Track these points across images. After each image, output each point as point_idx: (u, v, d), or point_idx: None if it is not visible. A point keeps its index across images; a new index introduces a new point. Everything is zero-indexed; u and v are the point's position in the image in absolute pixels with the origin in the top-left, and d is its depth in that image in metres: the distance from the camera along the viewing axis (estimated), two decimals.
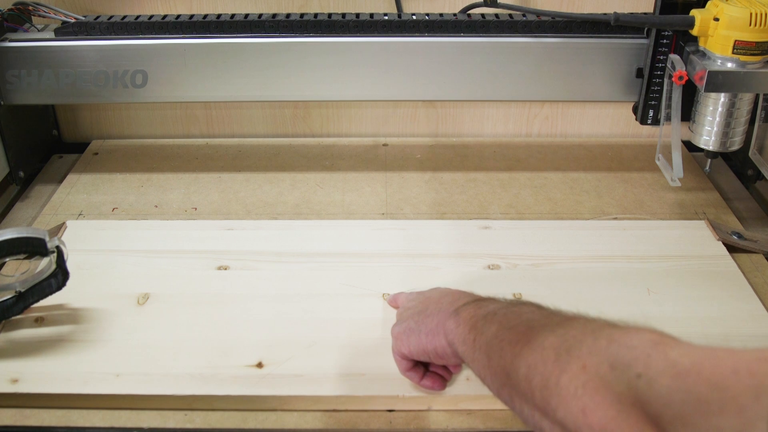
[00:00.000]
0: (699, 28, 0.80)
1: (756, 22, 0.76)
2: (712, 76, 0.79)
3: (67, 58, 0.89)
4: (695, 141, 0.87)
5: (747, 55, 0.78)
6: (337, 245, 0.84)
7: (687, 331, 0.71)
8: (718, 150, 0.86)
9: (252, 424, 0.63)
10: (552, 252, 0.82)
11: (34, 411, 0.64)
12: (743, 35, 0.77)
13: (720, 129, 0.84)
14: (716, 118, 0.83)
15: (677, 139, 0.84)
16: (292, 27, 0.89)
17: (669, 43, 0.86)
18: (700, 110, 0.85)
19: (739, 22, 0.77)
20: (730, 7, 0.78)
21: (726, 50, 0.78)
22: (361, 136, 1.12)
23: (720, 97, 0.82)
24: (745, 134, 0.86)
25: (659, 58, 0.87)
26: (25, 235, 0.68)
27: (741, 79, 0.79)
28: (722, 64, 0.79)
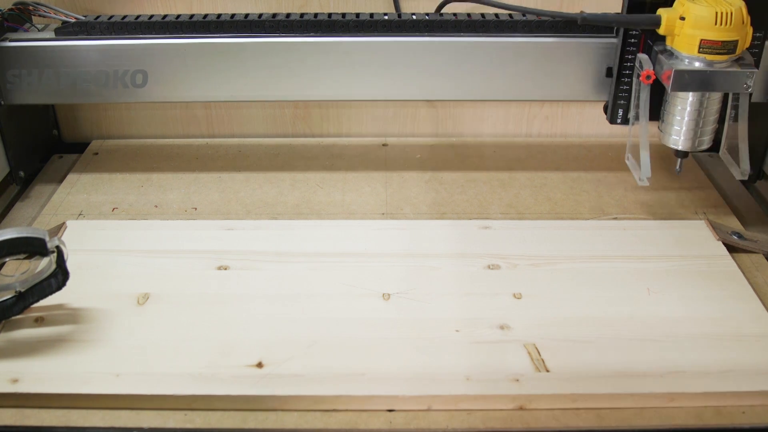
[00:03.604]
0: (665, 27, 0.80)
1: (721, 21, 0.75)
2: (678, 75, 0.78)
3: (67, 58, 0.89)
4: (664, 141, 0.86)
5: (713, 54, 0.77)
6: (337, 245, 0.84)
7: (687, 331, 0.71)
8: (687, 149, 0.85)
9: (252, 424, 0.63)
10: (552, 252, 0.82)
11: (34, 411, 0.64)
12: (709, 34, 0.76)
13: (689, 128, 0.83)
14: (685, 117, 0.83)
15: (645, 138, 0.84)
16: (292, 27, 0.89)
17: (637, 43, 0.85)
18: (669, 110, 0.84)
19: (704, 21, 0.76)
20: (695, 6, 0.77)
21: (692, 49, 0.78)
22: (361, 136, 1.12)
23: (688, 96, 0.82)
24: (714, 133, 0.85)
25: (627, 57, 0.86)
26: (25, 235, 0.68)
27: (707, 78, 0.78)
28: (689, 64, 0.78)
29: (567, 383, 0.65)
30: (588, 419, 0.63)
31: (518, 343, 0.70)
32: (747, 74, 0.78)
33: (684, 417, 0.63)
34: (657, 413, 0.64)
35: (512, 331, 0.71)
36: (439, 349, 0.69)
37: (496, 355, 0.68)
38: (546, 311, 0.74)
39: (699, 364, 0.67)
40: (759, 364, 0.67)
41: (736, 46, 0.77)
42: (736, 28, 0.76)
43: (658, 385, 0.65)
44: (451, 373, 0.66)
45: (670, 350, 0.69)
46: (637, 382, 0.65)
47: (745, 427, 0.63)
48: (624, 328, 0.72)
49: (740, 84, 0.78)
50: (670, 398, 0.64)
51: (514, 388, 0.64)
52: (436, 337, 0.70)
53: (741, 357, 0.68)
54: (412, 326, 0.72)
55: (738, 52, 0.78)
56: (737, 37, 0.76)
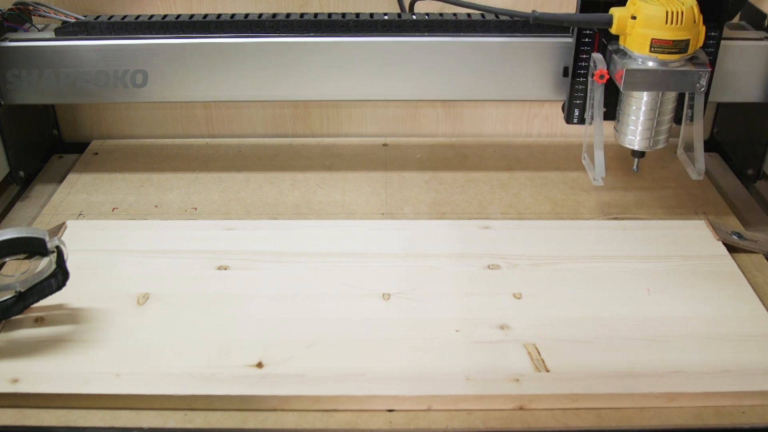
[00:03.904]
0: (617, 26, 0.79)
1: (672, 21, 0.75)
2: (630, 74, 0.78)
3: (67, 57, 0.89)
4: (620, 140, 0.86)
5: (665, 54, 0.77)
6: (337, 245, 0.84)
7: (687, 331, 0.71)
8: (643, 149, 0.85)
9: (252, 424, 0.63)
10: (552, 252, 0.82)
11: (34, 411, 0.64)
12: (660, 33, 0.76)
13: (644, 128, 0.83)
14: (640, 117, 0.82)
15: (599, 138, 0.83)
16: (292, 27, 0.89)
17: (592, 42, 0.85)
18: (624, 109, 0.84)
19: (655, 21, 0.76)
20: (646, 5, 0.77)
21: (644, 49, 0.77)
22: (361, 136, 1.12)
23: (642, 96, 0.81)
24: (669, 133, 0.85)
25: (582, 57, 0.86)
26: (25, 235, 0.68)
27: (659, 77, 0.78)
28: (641, 63, 0.78)
29: (567, 383, 0.65)
30: (588, 419, 0.63)
31: (518, 343, 0.70)
32: (700, 73, 0.77)
33: (684, 417, 0.63)
34: (657, 413, 0.64)
35: (512, 331, 0.71)
36: (439, 349, 0.69)
37: (496, 355, 0.68)
38: (546, 311, 0.74)
39: (699, 364, 0.67)
40: (759, 364, 0.67)
41: (688, 45, 0.76)
42: (687, 27, 0.76)
43: (658, 385, 0.65)
44: (451, 373, 0.66)
45: (670, 350, 0.69)
46: (637, 382, 0.65)
47: (745, 427, 0.63)
48: (624, 328, 0.72)
49: (693, 83, 0.78)
50: (670, 398, 0.64)
51: (514, 388, 0.64)
52: (436, 337, 0.70)
53: (741, 357, 0.68)
54: (412, 326, 0.72)
55: (690, 51, 0.77)
56: (689, 36, 0.76)
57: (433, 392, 0.64)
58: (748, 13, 0.99)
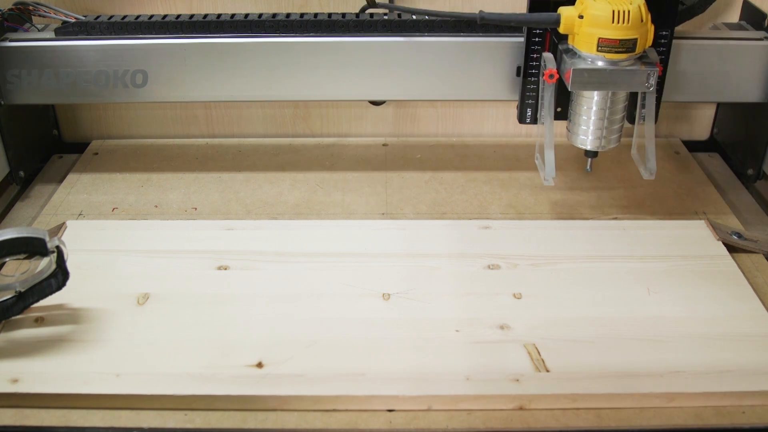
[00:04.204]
0: (564, 26, 0.79)
1: (619, 20, 0.75)
2: (577, 74, 0.77)
3: (67, 57, 0.89)
4: (572, 140, 0.85)
5: (612, 53, 0.76)
6: (337, 245, 0.84)
7: (687, 331, 0.71)
8: (595, 149, 0.84)
9: (252, 424, 0.63)
10: (552, 252, 0.82)
11: (34, 411, 0.64)
12: (606, 33, 0.75)
13: (595, 128, 0.83)
14: (591, 117, 0.82)
15: (550, 138, 0.83)
16: (292, 27, 0.89)
17: (543, 42, 0.85)
18: (575, 109, 0.84)
19: (601, 20, 0.75)
20: (593, 4, 0.76)
21: (591, 48, 0.77)
22: (361, 136, 1.12)
23: (593, 95, 0.81)
24: (621, 132, 0.84)
25: (533, 56, 0.86)
26: (25, 235, 0.68)
27: (607, 77, 0.77)
28: (588, 62, 0.78)
29: (567, 383, 0.65)
30: (588, 419, 0.63)
31: (518, 343, 0.70)
32: (648, 73, 0.77)
33: (684, 417, 0.63)
34: (657, 413, 0.64)
35: (512, 331, 0.71)
36: (439, 349, 0.69)
37: (496, 355, 0.68)
38: (546, 311, 0.74)
39: (699, 364, 0.67)
40: (759, 364, 0.67)
41: (636, 44, 0.76)
42: (634, 26, 0.75)
43: (658, 385, 0.65)
44: (451, 373, 0.66)
45: (670, 350, 0.69)
46: (637, 382, 0.65)
47: (745, 427, 0.63)
48: (624, 328, 0.71)
49: (641, 82, 0.77)
50: (670, 398, 0.64)
51: (514, 388, 0.64)
52: (436, 337, 0.70)
53: (741, 357, 0.68)
54: (412, 326, 0.72)
55: (638, 50, 0.77)
56: (636, 36, 0.75)
57: (433, 392, 0.64)
58: (748, 13, 0.99)
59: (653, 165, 0.83)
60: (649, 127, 0.83)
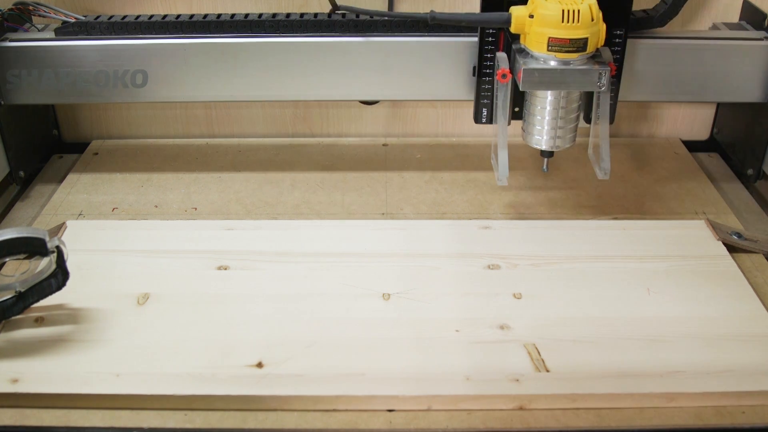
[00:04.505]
0: (515, 25, 0.78)
1: (568, 19, 0.74)
2: (528, 73, 0.76)
3: (67, 57, 0.89)
4: (527, 141, 0.85)
5: (563, 53, 0.76)
6: (337, 245, 0.84)
7: (687, 331, 0.71)
8: (551, 149, 0.84)
9: (252, 424, 0.63)
10: (552, 252, 0.82)
11: (34, 411, 0.64)
12: (556, 32, 0.75)
13: (550, 127, 0.82)
14: (545, 117, 0.82)
15: (503, 138, 0.83)
16: (292, 27, 0.89)
17: (497, 41, 0.84)
18: (530, 110, 0.83)
19: (551, 19, 0.75)
20: (543, 3, 0.75)
21: (542, 47, 0.76)
22: (361, 136, 1.12)
23: (547, 95, 0.81)
24: (575, 132, 0.84)
25: (487, 56, 0.85)
26: (25, 235, 0.68)
27: (558, 76, 0.76)
28: (539, 62, 0.77)
29: (567, 383, 0.65)
30: (588, 419, 0.63)
31: (518, 343, 0.70)
32: (599, 72, 0.76)
33: (684, 417, 0.63)
34: (657, 413, 0.64)
35: (512, 331, 0.71)
36: (439, 349, 0.69)
37: (496, 355, 0.68)
38: (546, 311, 0.74)
39: (699, 364, 0.67)
40: (759, 364, 0.67)
41: (587, 43, 0.75)
42: (584, 25, 0.74)
43: (658, 385, 0.65)
44: (451, 373, 0.66)
45: (670, 350, 0.69)
46: (637, 382, 0.65)
47: (745, 427, 0.63)
48: (624, 328, 0.71)
49: (593, 82, 0.77)
50: (670, 398, 0.64)
51: (514, 388, 0.64)
52: (436, 337, 0.70)
53: (741, 357, 0.68)
54: (412, 326, 0.72)
55: (590, 50, 0.76)
56: (586, 35, 0.75)
57: (433, 392, 0.64)
58: (748, 12, 0.99)
59: (607, 165, 0.83)
60: (604, 127, 0.83)
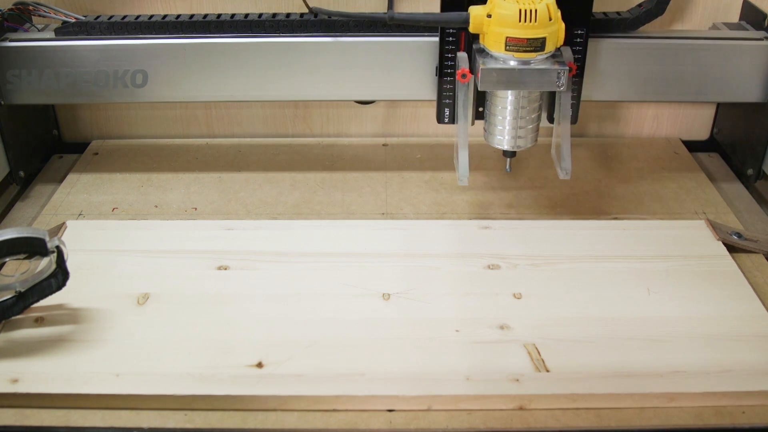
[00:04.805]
0: (474, 25, 0.78)
1: (525, 18, 0.73)
2: (486, 73, 0.76)
3: (67, 58, 0.90)
4: (489, 141, 0.84)
5: (521, 52, 0.75)
6: (337, 245, 0.84)
7: (687, 331, 0.71)
8: (512, 149, 0.83)
9: (252, 424, 0.63)
10: (552, 252, 0.82)
11: (34, 411, 0.64)
12: (514, 32, 0.74)
13: (511, 127, 0.82)
14: (506, 117, 0.81)
15: (464, 138, 0.82)
16: (292, 27, 0.89)
17: (457, 41, 0.84)
18: (490, 110, 0.83)
19: (508, 19, 0.74)
20: (501, 3, 0.75)
21: (500, 47, 0.76)
22: (361, 136, 1.12)
23: (507, 95, 0.80)
24: (537, 131, 0.84)
25: (447, 56, 0.85)
26: (25, 235, 0.68)
27: (517, 76, 0.76)
28: (497, 62, 0.77)
29: (567, 383, 0.65)
30: (588, 419, 0.63)
31: (518, 343, 0.70)
32: (558, 72, 0.76)
33: (684, 417, 0.63)
34: (657, 413, 0.64)
35: (512, 331, 0.71)
36: (439, 349, 0.69)
37: (496, 355, 0.68)
38: (546, 311, 0.74)
39: (699, 364, 0.67)
40: (759, 364, 0.67)
41: (544, 43, 0.75)
42: (541, 25, 0.74)
43: (658, 385, 0.65)
44: (451, 373, 0.66)
45: (670, 350, 0.69)
46: (637, 382, 0.65)
47: (745, 427, 0.63)
48: (624, 328, 0.71)
49: (552, 82, 0.76)
50: (670, 398, 0.64)
51: (514, 388, 0.65)
52: (436, 337, 0.70)
53: (741, 357, 0.68)
54: (412, 326, 0.72)
55: (548, 49, 0.76)
56: (544, 35, 0.75)
57: (433, 392, 0.64)
58: (748, 12, 0.99)
59: (568, 165, 0.82)
60: (565, 127, 0.83)
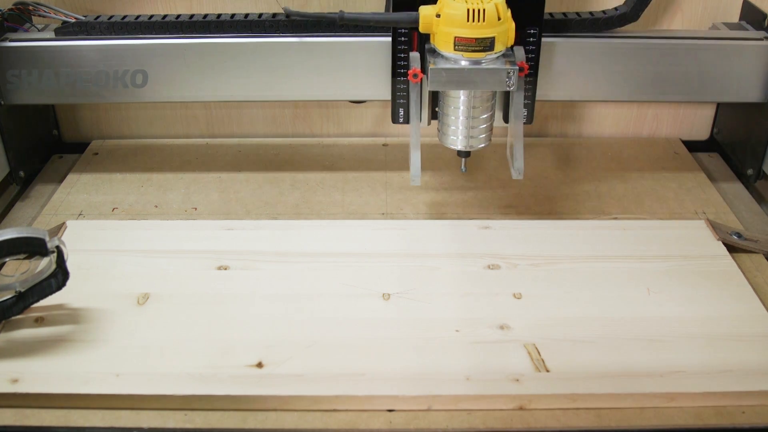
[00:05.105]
0: (423, 25, 0.77)
1: (473, 18, 0.73)
2: (435, 73, 0.75)
3: (67, 58, 0.89)
4: (443, 141, 0.84)
5: (469, 52, 0.74)
6: (337, 245, 0.84)
7: (687, 331, 0.71)
8: (466, 149, 0.83)
9: (252, 424, 0.63)
10: (552, 252, 0.82)
11: (34, 411, 0.64)
12: (462, 31, 0.74)
13: (464, 127, 0.81)
14: (459, 116, 0.81)
15: (416, 138, 0.82)
16: (293, 27, 0.89)
17: (410, 41, 0.83)
18: (443, 110, 0.82)
19: (456, 18, 0.73)
20: (450, 2, 0.74)
21: (449, 47, 0.75)
22: (361, 136, 1.12)
23: (459, 95, 0.79)
24: (491, 131, 0.83)
25: (400, 56, 0.84)
26: (26, 235, 0.68)
27: (466, 76, 0.75)
28: (447, 62, 0.76)
29: (567, 383, 0.65)
30: (588, 419, 0.63)
31: (518, 343, 0.70)
32: (507, 71, 0.75)
33: (684, 417, 0.63)
34: (657, 413, 0.64)
35: (512, 331, 0.71)
36: (439, 349, 0.69)
37: (496, 355, 0.68)
38: (546, 311, 0.74)
39: (699, 364, 0.67)
40: (759, 364, 0.67)
41: (493, 43, 0.74)
42: (490, 24, 0.73)
43: (658, 385, 0.65)
44: (451, 373, 0.66)
45: (670, 350, 0.69)
46: (637, 382, 0.65)
47: (745, 427, 0.63)
48: (624, 328, 0.72)
49: (502, 81, 0.76)
50: (670, 398, 0.64)
51: (514, 388, 0.65)
52: (436, 337, 0.70)
53: (741, 357, 0.68)
54: (412, 326, 0.72)
55: (497, 49, 0.75)
56: (492, 34, 0.74)
57: (433, 392, 0.64)
58: (748, 12, 0.99)
59: (520, 165, 0.82)
60: (518, 126, 0.82)
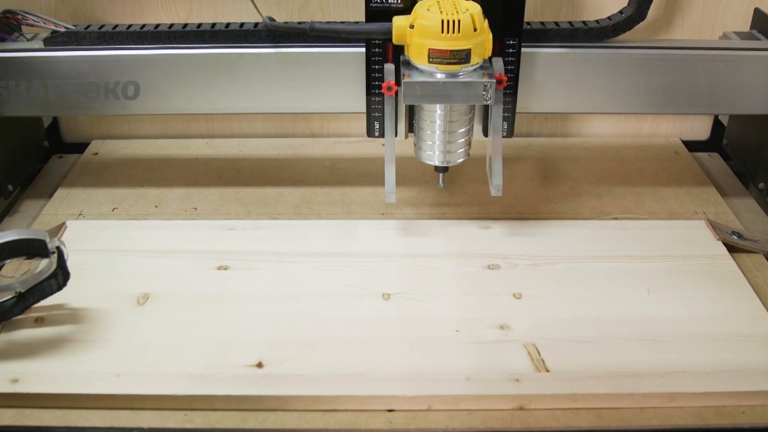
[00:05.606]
0: (397, 36, 0.74)
1: (448, 29, 0.71)
2: (408, 87, 0.73)
3: (56, 68, 0.87)
4: (419, 156, 0.82)
5: (444, 64, 0.72)
6: (337, 245, 0.84)
7: (687, 331, 0.71)
8: (442, 164, 0.81)
9: (252, 424, 0.63)
10: (552, 252, 0.82)
11: (34, 411, 0.64)
12: (436, 43, 0.71)
13: (441, 142, 0.79)
14: (435, 131, 0.78)
15: (391, 152, 0.80)
16: (288, 37, 0.86)
17: (385, 52, 0.80)
18: (419, 124, 0.80)
19: (431, 30, 0.71)
20: (424, 13, 0.72)
21: (423, 59, 0.73)
22: (362, 136, 1.12)
23: (435, 109, 0.77)
24: (469, 146, 0.82)
25: (374, 67, 0.81)
26: (26, 237, 0.68)
27: (440, 89, 0.73)
28: (422, 74, 0.73)
29: (567, 383, 0.65)
30: (588, 419, 0.63)
31: (518, 343, 0.70)
32: (484, 84, 0.73)
33: (684, 417, 0.63)
34: (657, 413, 0.64)
35: (512, 331, 0.71)
36: (439, 349, 0.69)
37: (496, 355, 0.68)
38: (546, 311, 0.74)
39: (699, 364, 0.67)
40: (759, 364, 0.67)
41: (469, 55, 0.72)
42: (465, 36, 0.71)
43: (658, 385, 0.65)
44: (451, 373, 0.66)
45: (670, 350, 0.69)
46: (637, 382, 0.65)
47: (745, 427, 0.63)
48: (624, 328, 0.72)
49: (478, 95, 0.73)
50: (670, 398, 0.64)
51: (514, 388, 0.65)
52: (436, 337, 0.70)
53: (741, 357, 0.68)
54: (412, 326, 0.72)
55: (474, 61, 0.73)
56: (468, 46, 0.72)
57: (433, 392, 0.64)
58: (759, 21, 0.97)
59: (498, 181, 0.80)
60: (496, 141, 0.80)
